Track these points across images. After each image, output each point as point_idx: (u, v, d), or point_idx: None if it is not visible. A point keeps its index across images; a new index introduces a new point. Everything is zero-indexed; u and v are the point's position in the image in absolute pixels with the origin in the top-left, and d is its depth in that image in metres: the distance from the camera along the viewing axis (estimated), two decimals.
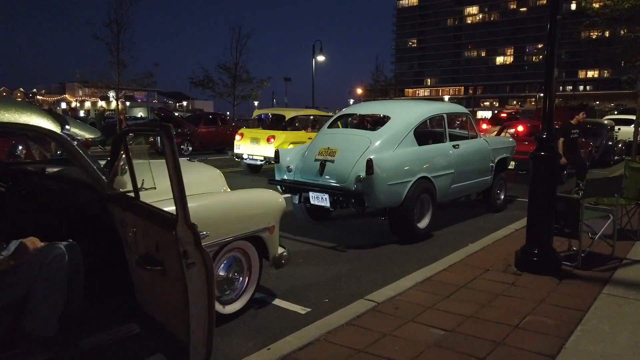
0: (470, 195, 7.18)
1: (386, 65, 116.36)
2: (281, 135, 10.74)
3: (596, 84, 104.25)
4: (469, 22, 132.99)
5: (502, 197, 7.75)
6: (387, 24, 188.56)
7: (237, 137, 11.88)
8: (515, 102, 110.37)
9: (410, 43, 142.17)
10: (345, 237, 5.91)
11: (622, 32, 8.10)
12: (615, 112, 29.47)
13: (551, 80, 4.19)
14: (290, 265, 4.00)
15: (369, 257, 5.11)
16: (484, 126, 18.90)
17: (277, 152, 6.09)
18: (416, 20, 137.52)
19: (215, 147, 18.26)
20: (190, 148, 17.47)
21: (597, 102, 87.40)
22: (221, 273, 3.38)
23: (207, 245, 2.63)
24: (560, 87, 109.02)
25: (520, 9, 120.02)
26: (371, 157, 5.18)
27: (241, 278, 3.53)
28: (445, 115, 6.36)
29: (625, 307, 3.55)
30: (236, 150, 11.81)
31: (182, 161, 2.48)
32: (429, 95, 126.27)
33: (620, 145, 16.38)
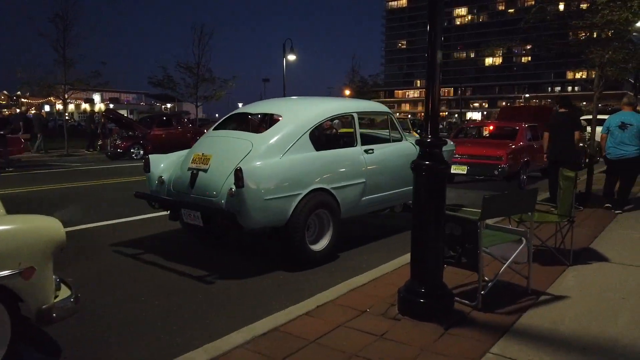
0: (395, 207, 6.22)
1: (376, 66, 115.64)
2: None
3: (584, 84, 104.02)
4: (458, 23, 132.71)
5: None
6: (377, 24, 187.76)
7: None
8: (504, 103, 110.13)
9: (399, 44, 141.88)
10: (230, 263, 4.93)
11: (573, 23, 7.20)
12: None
13: (434, 69, 3.23)
14: (119, 308, 3.02)
15: (235, 292, 4.13)
16: None
17: (147, 160, 5.10)
18: (405, 22, 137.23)
19: (170, 150, 17.23)
20: (141, 152, 16.44)
21: (584, 103, 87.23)
22: None
23: None
24: (549, 88, 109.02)
25: (509, 10, 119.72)
26: (241, 166, 4.20)
27: None
28: (355, 115, 5.39)
29: None
30: None
31: None
32: (418, 97, 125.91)
33: (595, 147, 15.55)
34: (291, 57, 25.97)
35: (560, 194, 4.75)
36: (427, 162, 3.27)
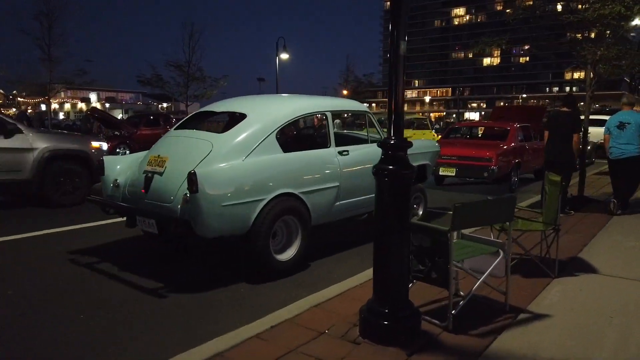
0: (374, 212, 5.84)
1: (374, 66, 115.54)
2: None
3: (582, 85, 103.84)
4: (456, 23, 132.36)
5: (420, 213, 6.46)
6: (376, 24, 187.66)
7: None
8: (502, 103, 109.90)
9: None
10: (190, 273, 4.58)
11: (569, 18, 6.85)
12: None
13: (397, 65, 2.88)
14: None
15: (189, 307, 3.76)
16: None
17: (100, 162, 4.73)
18: None
19: None
20: (127, 152, 16.06)
21: (582, 103, 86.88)
22: None
23: None
24: (547, 89, 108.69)
25: (507, 10, 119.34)
26: (196, 170, 3.84)
27: None
28: (328, 114, 5.04)
29: None
30: None
31: None
32: (416, 97, 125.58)
33: (589, 148, 15.21)
34: (284, 56, 25.60)
35: (545, 199, 4.40)
36: (389, 167, 2.92)
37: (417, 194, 6.38)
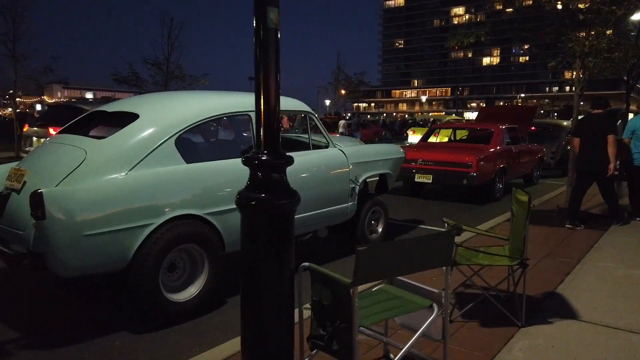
0: (319, 232, 4.93)
1: (374, 65, 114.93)
2: None
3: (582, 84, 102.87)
4: (456, 22, 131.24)
5: (381, 230, 5.54)
6: (374, 24, 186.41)
7: None
8: (502, 103, 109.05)
9: (396, 44, 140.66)
10: (64, 314, 3.66)
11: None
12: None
13: (268, 43, 1.96)
14: None
15: None
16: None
17: None
18: (402, 21, 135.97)
19: None
20: None
21: (582, 103, 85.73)
22: None
23: None
24: (547, 88, 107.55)
25: (506, 10, 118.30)
26: (42, 189, 2.91)
27: None
28: (252, 115, 4.10)
29: None
30: None
31: None
32: (415, 97, 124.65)
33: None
34: None
35: (512, 223, 3.47)
36: (259, 195, 2.00)
37: (376, 208, 5.45)
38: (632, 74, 10.84)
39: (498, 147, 8.91)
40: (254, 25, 1.97)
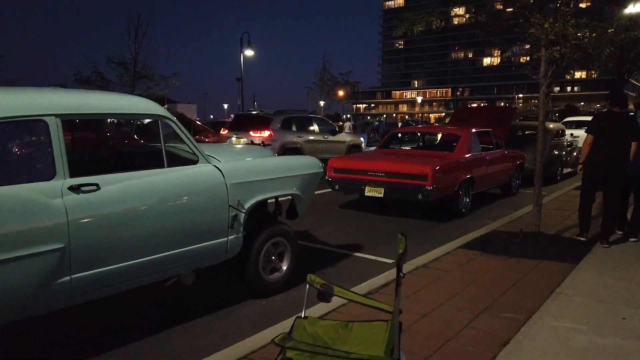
0: (181, 277, 3.70)
1: (373, 66, 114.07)
2: None
3: (583, 85, 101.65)
4: (456, 22, 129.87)
5: (286, 267, 4.33)
6: (373, 24, 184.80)
7: None
8: (502, 103, 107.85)
9: (396, 44, 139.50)
10: None
11: None
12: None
13: None
14: None
15: None
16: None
17: None
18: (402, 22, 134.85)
19: None
20: None
21: (582, 104, 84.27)
22: None
23: None
24: None
25: (507, 10, 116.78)
26: None
27: None
28: (52, 121, 2.90)
29: None
30: None
31: None
32: (415, 98, 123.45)
33: (575, 154, 13.03)
34: (249, 53, 23.56)
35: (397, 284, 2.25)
36: None
37: (278, 240, 4.25)
38: (624, 70, 9.59)
39: (465, 155, 7.69)
40: None
